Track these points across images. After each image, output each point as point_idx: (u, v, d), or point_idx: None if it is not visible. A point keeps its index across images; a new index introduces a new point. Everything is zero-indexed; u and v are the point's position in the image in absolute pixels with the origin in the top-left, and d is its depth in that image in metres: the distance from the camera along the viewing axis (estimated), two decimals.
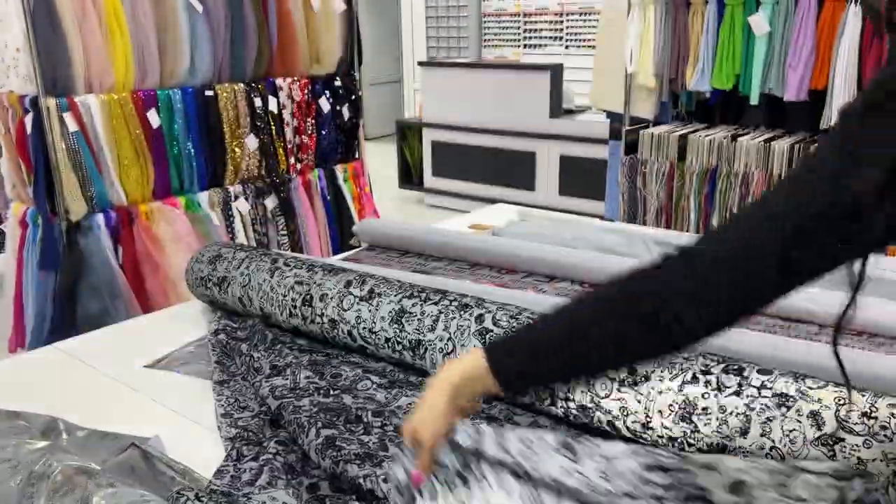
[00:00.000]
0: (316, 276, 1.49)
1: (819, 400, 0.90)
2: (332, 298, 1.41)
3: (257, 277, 1.56)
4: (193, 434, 1.20)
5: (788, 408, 0.91)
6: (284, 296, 1.49)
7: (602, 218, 3.29)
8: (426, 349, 1.26)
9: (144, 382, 1.39)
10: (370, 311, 1.36)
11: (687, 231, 3.27)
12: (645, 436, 1.01)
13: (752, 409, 0.93)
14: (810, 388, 0.92)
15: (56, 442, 1.09)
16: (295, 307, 1.47)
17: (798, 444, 0.88)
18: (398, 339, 1.31)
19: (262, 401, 1.24)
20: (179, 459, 1.09)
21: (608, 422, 1.04)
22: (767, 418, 0.91)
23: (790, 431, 0.90)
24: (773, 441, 0.90)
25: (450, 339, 1.25)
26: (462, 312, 1.27)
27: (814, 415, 0.89)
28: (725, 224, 0.87)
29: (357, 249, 2.22)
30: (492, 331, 1.22)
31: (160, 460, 1.04)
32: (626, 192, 3.53)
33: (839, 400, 0.89)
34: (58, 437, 1.14)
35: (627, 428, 1.02)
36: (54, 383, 1.40)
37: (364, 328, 1.36)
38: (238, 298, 1.58)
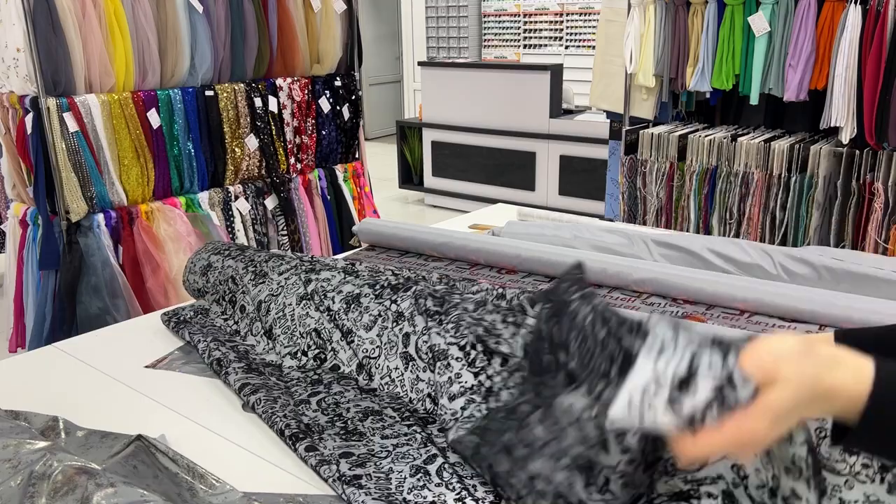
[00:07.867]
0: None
1: None
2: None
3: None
4: (194, 434, 1.20)
5: None
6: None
7: (602, 218, 3.29)
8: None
9: (144, 382, 1.39)
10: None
11: (687, 231, 3.27)
12: None
13: None
14: None
15: (56, 442, 1.09)
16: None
17: None
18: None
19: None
20: None
21: None
22: None
23: None
24: None
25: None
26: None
27: None
28: None
29: (357, 249, 2.22)
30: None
31: (166, 455, 1.04)
32: (626, 192, 3.53)
33: None
34: (58, 437, 1.14)
35: None
36: (54, 383, 1.40)
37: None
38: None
